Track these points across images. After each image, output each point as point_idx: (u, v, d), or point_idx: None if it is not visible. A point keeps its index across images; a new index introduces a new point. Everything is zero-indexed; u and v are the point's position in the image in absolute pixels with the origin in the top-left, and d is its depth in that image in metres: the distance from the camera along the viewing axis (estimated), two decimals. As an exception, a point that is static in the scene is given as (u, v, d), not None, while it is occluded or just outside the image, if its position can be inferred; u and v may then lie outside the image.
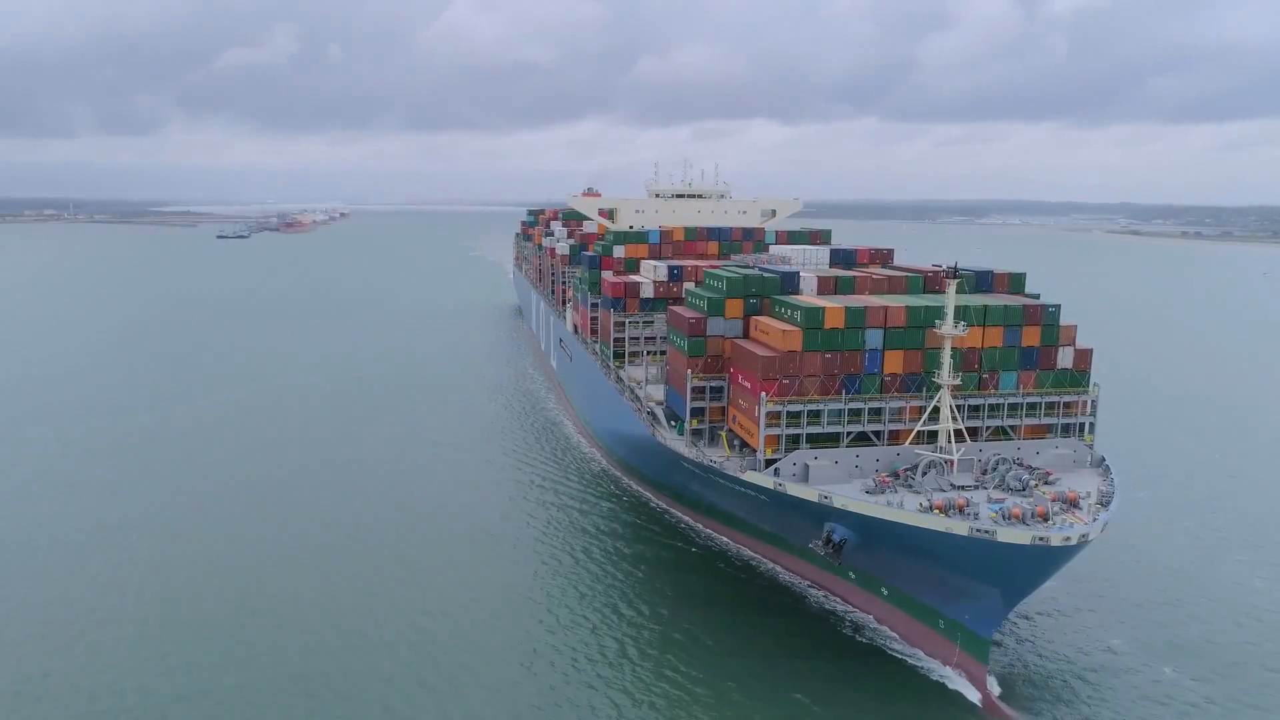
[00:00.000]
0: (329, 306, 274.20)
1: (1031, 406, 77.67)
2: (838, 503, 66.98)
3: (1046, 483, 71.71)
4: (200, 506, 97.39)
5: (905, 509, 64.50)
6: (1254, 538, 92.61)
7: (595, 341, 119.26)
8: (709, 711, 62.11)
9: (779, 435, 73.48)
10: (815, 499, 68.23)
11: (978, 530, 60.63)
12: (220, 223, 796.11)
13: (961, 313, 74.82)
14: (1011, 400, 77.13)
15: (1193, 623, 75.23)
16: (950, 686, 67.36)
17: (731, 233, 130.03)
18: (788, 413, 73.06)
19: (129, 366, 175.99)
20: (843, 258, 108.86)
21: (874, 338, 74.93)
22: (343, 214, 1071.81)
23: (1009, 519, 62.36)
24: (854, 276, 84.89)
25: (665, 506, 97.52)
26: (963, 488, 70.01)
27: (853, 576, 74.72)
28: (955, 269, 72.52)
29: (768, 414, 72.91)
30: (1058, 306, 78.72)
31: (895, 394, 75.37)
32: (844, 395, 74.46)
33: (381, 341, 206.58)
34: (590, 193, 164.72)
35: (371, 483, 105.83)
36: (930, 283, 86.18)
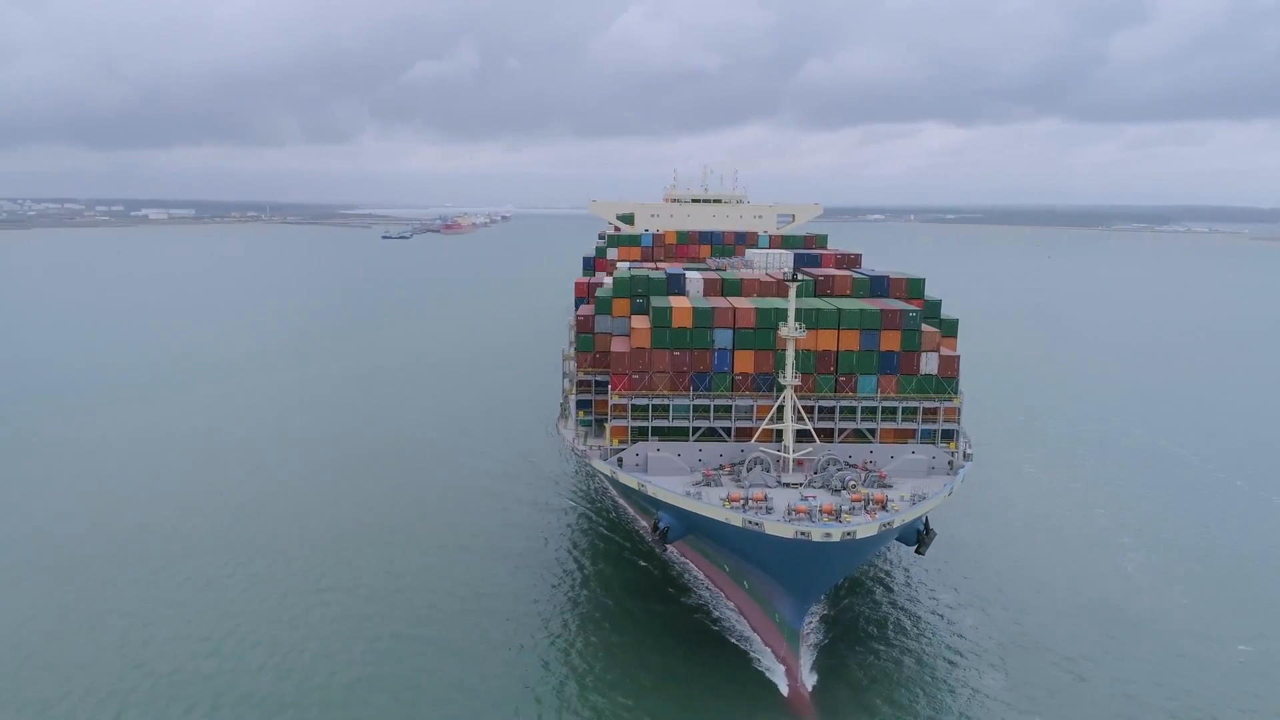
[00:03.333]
0: (428, 301, 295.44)
1: (889, 411, 77.86)
2: (650, 490, 70.88)
3: (883, 485, 72.45)
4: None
5: (706, 501, 67.57)
6: (1075, 550, 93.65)
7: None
8: (552, 693, 66.49)
9: (626, 426, 77.76)
10: (636, 486, 72.42)
11: (750, 522, 63.17)
12: (391, 224, 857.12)
13: (811, 316, 76.58)
14: (867, 404, 77.69)
15: (1011, 625, 77.32)
16: (769, 677, 70.05)
17: (724, 236, 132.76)
18: (634, 406, 77.20)
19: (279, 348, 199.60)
20: (807, 261, 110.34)
21: (723, 337, 77.65)
22: (504, 216, 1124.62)
23: (793, 515, 64.32)
24: (740, 279, 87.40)
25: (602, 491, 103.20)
26: (790, 485, 71.95)
27: (726, 569, 78.00)
28: (794, 273, 74.46)
29: (615, 406, 77.46)
30: (918, 312, 78.46)
31: (745, 392, 77.84)
32: (692, 392, 77.76)
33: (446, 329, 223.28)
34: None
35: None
36: (822, 286, 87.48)
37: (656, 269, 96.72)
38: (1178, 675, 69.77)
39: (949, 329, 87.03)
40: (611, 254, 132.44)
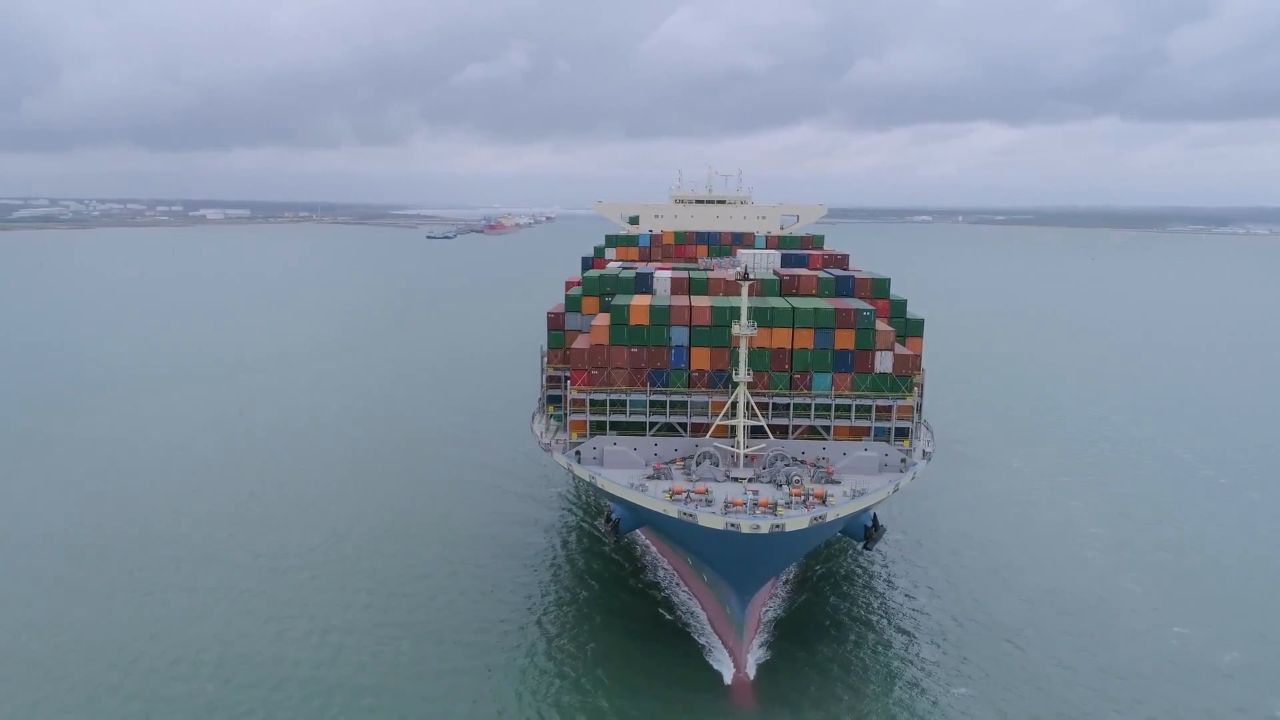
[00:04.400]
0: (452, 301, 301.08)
1: (843, 408, 78.89)
2: (600, 483, 73.04)
3: (830, 481, 73.64)
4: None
5: (650, 494, 69.52)
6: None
7: None
8: (513, 682, 68.54)
9: (585, 421, 80.00)
10: (588, 479, 74.66)
11: (685, 514, 64.98)
12: (437, 225, 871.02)
13: (765, 314, 78.07)
14: (821, 401, 78.87)
15: (962, 606, 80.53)
16: (716, 667, 71.86)
17: (720, 237, 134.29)
18: (592, 401, 79.43)
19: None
20: (794, 261, 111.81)
21: (680, 335, 79.41)
22: (549, 217, 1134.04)
23: (729, 508, 65.95)
24: (707, 278, 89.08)
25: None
26: (737, 479, 73.51)
27: (690, 561, 79.90)
28: (745, 272, 76.02)
29: (574, 401, 79.76)
30: (872, 311, 79.39)
31: (701, 388, 79.57)
32: (649, 388, 79.72)
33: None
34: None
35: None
36: (788, 286, 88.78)
37: (628, 269, 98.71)
38: (1111, 652, 72.88)
39: (914, 329, 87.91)
40: (610, 254, 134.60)
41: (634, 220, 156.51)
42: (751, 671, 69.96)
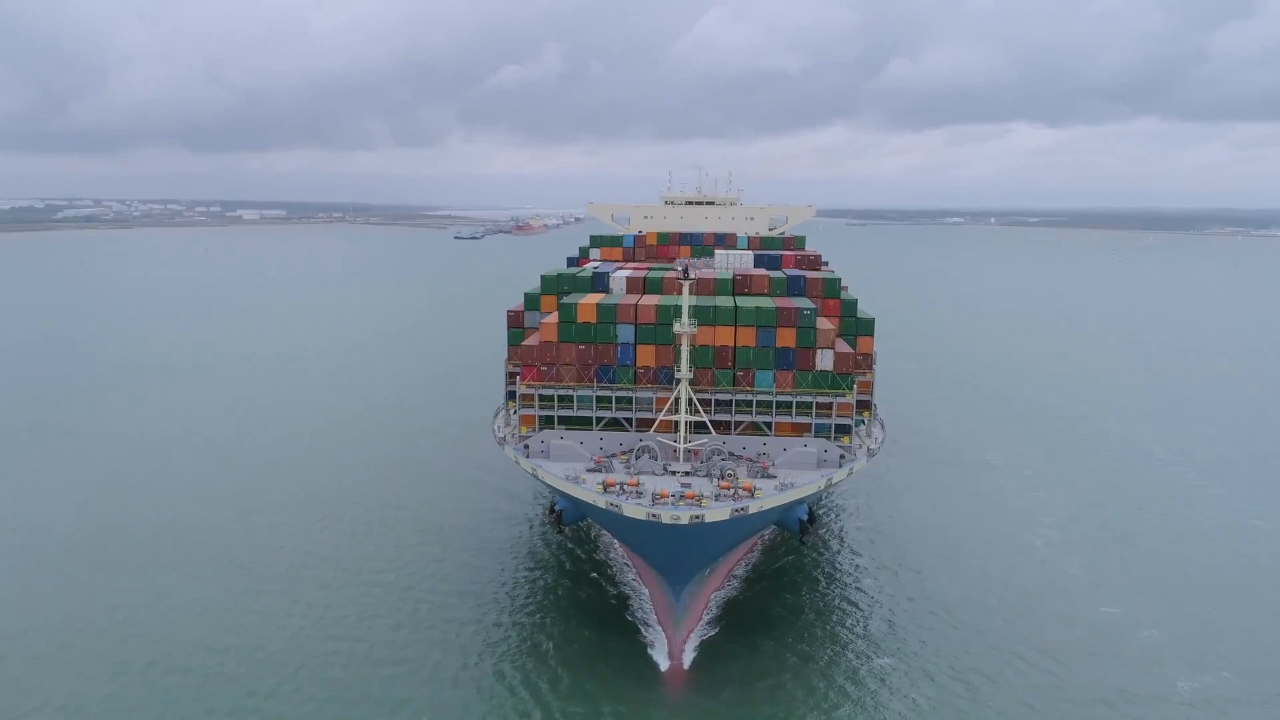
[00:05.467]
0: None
1: (784, 405, 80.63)
2: (540, 475, 75.55)
3: (766, 476, 75.43)
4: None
5: (584, 486, 71.78)
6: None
7: None
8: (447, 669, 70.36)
9: (535, 415, 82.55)
10: (530, 471, 77.19)
11: (611, 505, 67.26)
12: (466, 225, 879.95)
13: (708, 313, 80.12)
14: (762, 398, 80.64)
15: (903, 588, 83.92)
16: (653, 655, 73.92)
17: (703, 237, 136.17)
18: (540, 396, 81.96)
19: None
20: (767, 261, 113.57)
21: (626, 332, 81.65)
22: (577, 218, 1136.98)
23: (656, 500, 68.03)
24: (661, 278, 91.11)
25: None
26: (675, 473, 75.60)
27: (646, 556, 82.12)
28: (685, 271, 78.12)
29: (523, 396, 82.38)
30: (813, 310, 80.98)
31: (647, 385, 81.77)
32: (596, 383, 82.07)
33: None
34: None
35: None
36: (740, 285, 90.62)
37: (581, 270, 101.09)
38: (1039, 627, 76.58)
39: (864, 328, 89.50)
40: (594, 254, 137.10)
41: (625, 220, 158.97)
42: (688, 660, 71.84)
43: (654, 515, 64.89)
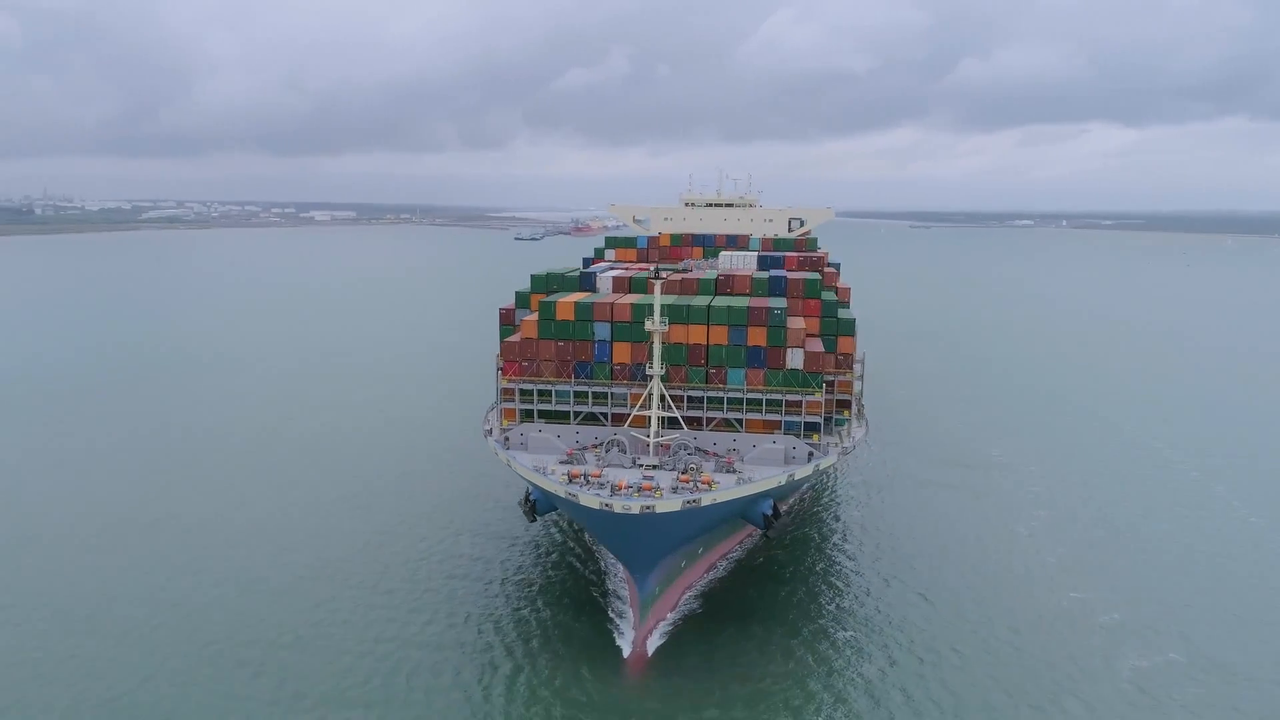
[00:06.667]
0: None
1: (755, 402, 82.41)
2: (513, 465, 78.76)
3: (729, 471, 77.39)
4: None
5: (550, 477, 74.67)
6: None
7: None
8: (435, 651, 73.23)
9: (515, 409, 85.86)
10: (505, 462, 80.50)
11: (569, 494, 70.09)
12: (527, 226, 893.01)
13: (681, 312, 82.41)
14: (733, 395, 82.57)
15: (882, 572, 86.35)
16: (617, 642, 76.50)
17: (715, 239, 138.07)
18: (521, 390, 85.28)
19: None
20: (770, 263, 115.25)
21: (603, 330, 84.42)
22: (636, 219, 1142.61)
23: (615, 491, 70.59)
24: (646, 277, 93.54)
25: None
26: (642, 466, 78.04)
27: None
28: (657, 271, 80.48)
29: (504, 390, 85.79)
30: (783, 309, 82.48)
31: (623, 381, 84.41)
32: (574, 379, 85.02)
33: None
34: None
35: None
36: (723, 285, 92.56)
37: (570, 270, 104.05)
38: (1009, 610, 79.41)
39: (845, 328, 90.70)
40: (609, 255, 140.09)
41: (644, 222, 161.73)
42: (651, 648, 74.10)
43: (607, 505, 67.47)
